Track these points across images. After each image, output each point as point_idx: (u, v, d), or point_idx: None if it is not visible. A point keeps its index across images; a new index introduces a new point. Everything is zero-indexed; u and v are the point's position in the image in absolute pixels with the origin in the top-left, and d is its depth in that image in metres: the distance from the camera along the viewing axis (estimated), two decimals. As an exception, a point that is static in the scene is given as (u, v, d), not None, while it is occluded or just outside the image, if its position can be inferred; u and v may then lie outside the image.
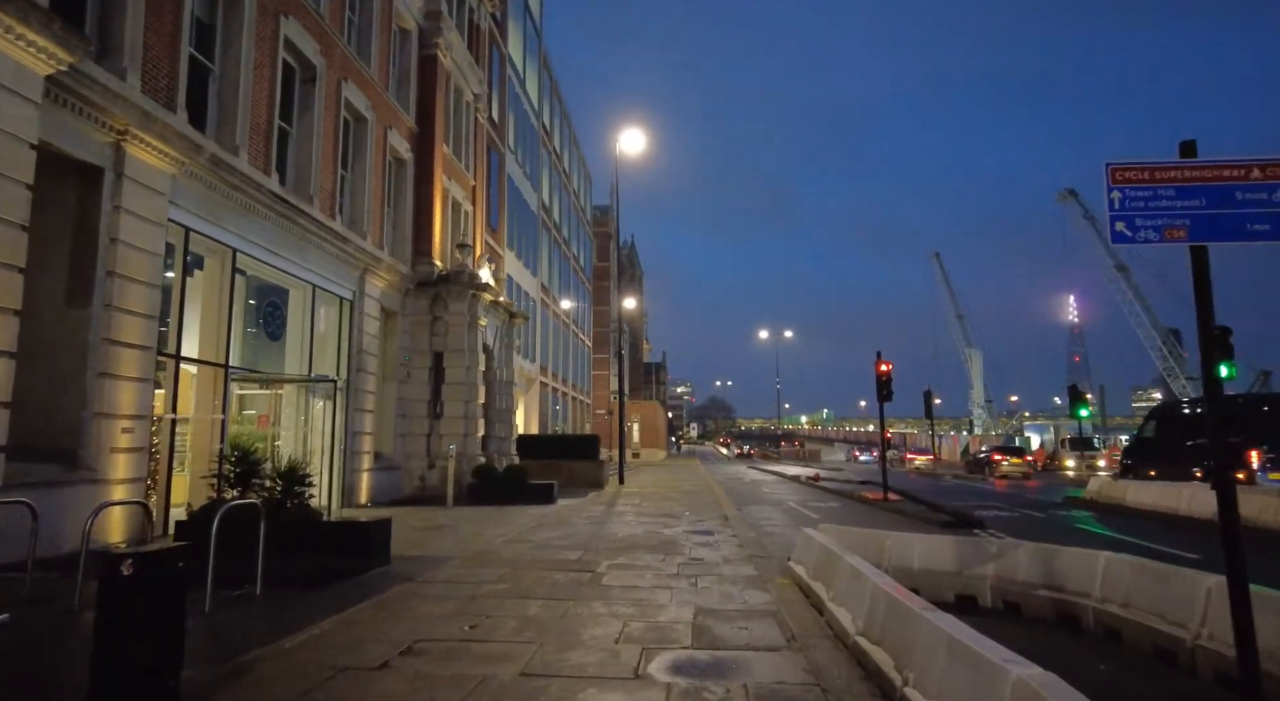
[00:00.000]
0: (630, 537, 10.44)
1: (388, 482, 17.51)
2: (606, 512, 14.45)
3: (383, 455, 17.78)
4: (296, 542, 7.43)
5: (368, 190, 16.68)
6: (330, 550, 7.51)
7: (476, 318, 19.02)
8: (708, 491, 21.46)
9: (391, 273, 17.50)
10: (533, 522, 12.45)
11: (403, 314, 18.56)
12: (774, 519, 14.80)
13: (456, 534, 10.87)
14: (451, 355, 18.71)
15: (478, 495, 16.94)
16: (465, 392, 18.60)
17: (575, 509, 15.36)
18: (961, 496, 21.06)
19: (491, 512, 14.33)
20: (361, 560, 7.62)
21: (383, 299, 17.38)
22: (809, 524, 13.69)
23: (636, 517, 13.40)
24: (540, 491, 17.18)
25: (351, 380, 15.97)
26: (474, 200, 23.24)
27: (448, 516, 13.64)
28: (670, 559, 8.51)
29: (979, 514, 14.75)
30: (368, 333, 16.48)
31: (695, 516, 13.73)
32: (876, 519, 14.93)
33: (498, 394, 21.92)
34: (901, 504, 17.19)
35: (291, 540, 7.41)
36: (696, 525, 12.24)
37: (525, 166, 31.84)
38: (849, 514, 16.02)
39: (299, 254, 13.76)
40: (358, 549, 7.63)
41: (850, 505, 18.20)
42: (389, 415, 18.13)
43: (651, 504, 16.86)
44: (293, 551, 7.38)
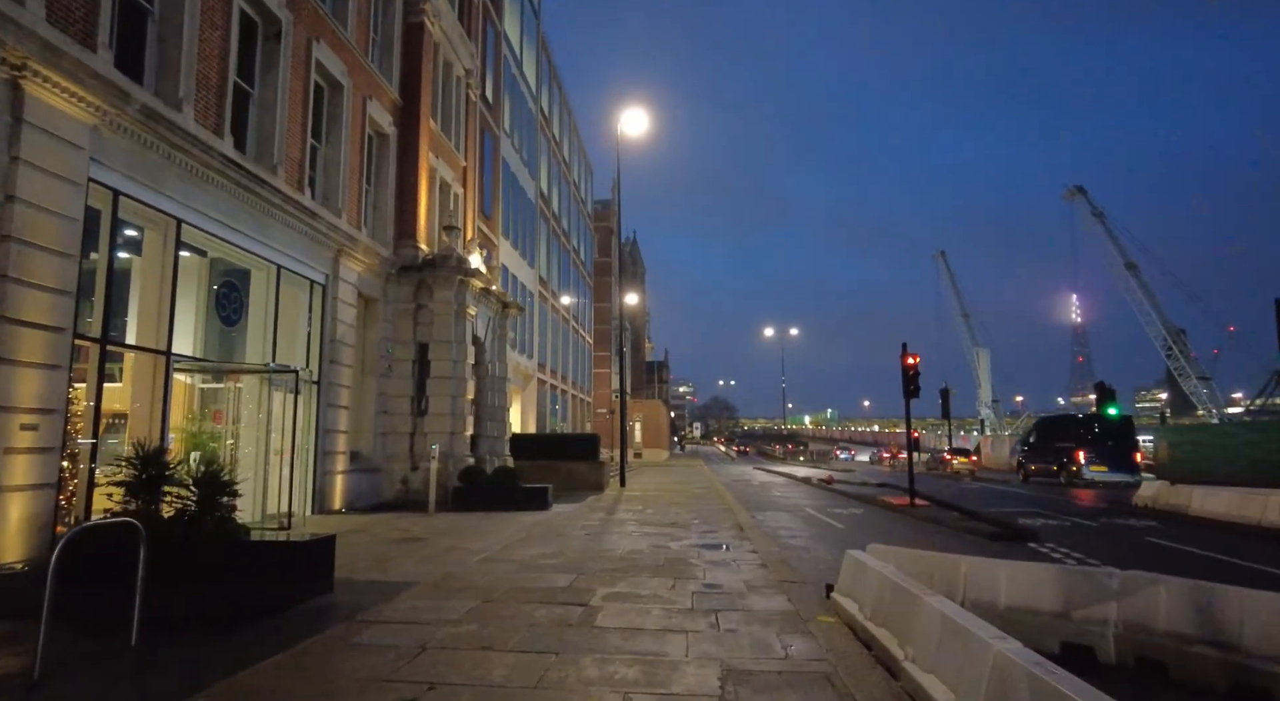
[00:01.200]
0: (632, 555, 8.87)
1: (366, 486, 15.96)
2: (606, 521, 12.88)
3: (361, 456, 16.24)
4: (212, 569, 5.89)
5: (343, 164, 15.13)
6: (255, 578, 5.96)
7: (465, 306, 17.47)
8: (715, 495, 19.89)
9: (370, 256, 15.94)
10: (520, 534, 10.89)
11: (384, 301, 17.01)
12: (795, 529, 13.23)
13: (428, 549, 9.31)
14: (437, 347, 17.15)
15: (464, 500, 15.39)
16: (452, 387, 17.04)
17: (571, 516, 13.80)
18: (990, 500, 19.49)
19: (476, 521, 12.77)
20: (294, 589, 6.06)
21: (360, 284, 15.83)
22: (836, 535, 12.14)
23: (639, 527, 11.84)
24: (533, 496, 15.62)
25: (324, 373, 14.42)
26: (465, 183, 21.69)
27: (426, 525, 12.09)
28: (681, 585, 6.95)
29: (1022, 522, 13.17)
30: (342, 321, 14.93)
31: (705, 526, 12.17)
32: (910, 529, 13.35)
33: (490, 390, 20.37)
34: (931, 510, 15.61)
35: (205, 566, 5.87)
36: (708, 537, 10.68)
37: (522, 152, 30.29)
38: (877, 522, 14.44)
39: (260, 230, 12.21)
40: (290, 575, 6.08)
41: (874, 512, 16.61)
42: (368, 412, 16.59)
43: (656, 510, 15.31)
44: (207, 580, 5.85)
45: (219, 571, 5.91)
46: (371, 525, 12.13)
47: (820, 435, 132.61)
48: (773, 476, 35.71)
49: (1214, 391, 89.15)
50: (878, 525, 13.89)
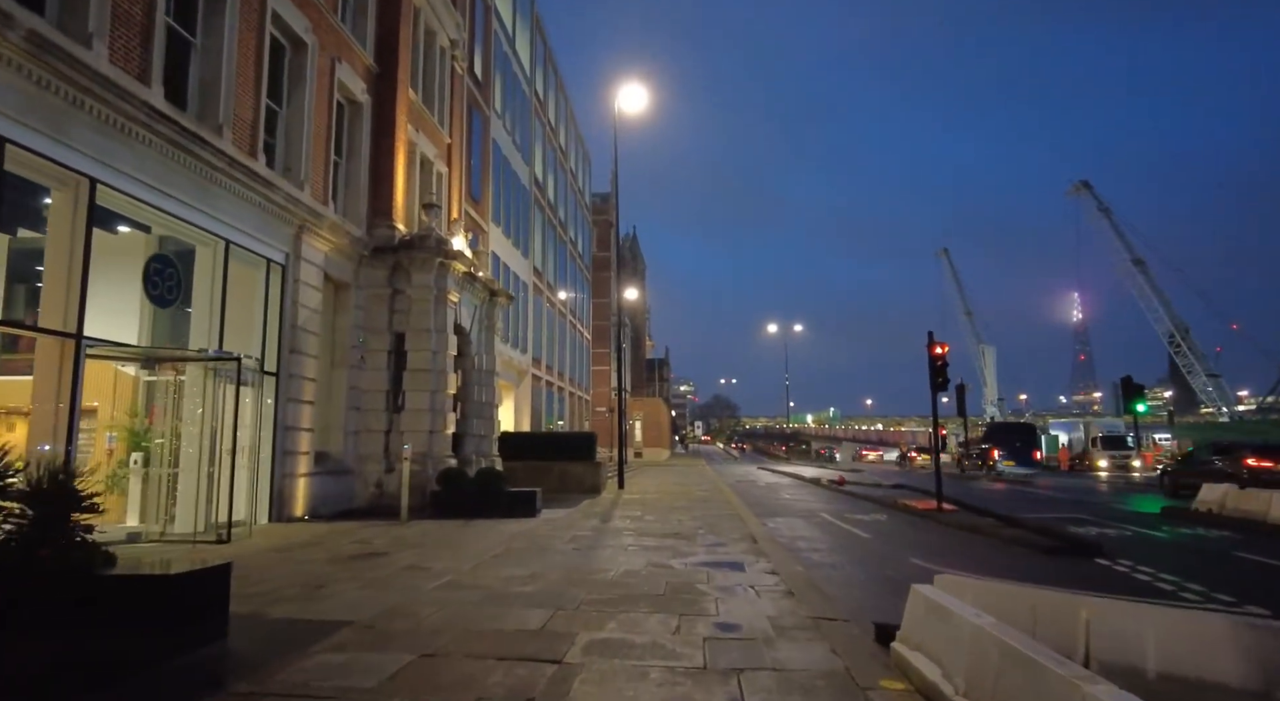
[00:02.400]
0: (627, 578, 7.28)
1: (335, 490, 14.38)
2: (599, 531, 11.30)
3: (330, 456, 14.67)
4: (54, 613, 4.31)
5: (307, 131, 13.54)
6: (114, 623, 4.39)
7: (446, 291, 15.88)
8: (720, 498, 18.31)
9: (339, 234, 14.36)
10: (498, 547, 9.30)
11: (355, 286, 15.42)
12: (814, 540, 11.64)
13: (383, 569, 7.73)
14: (415, 336, 15.56)
15: (443, 506, 13.81)
16: (431, 381, 15.45)
17: (560, 525, 12.22)
18: (1019, 504, 17.91)
19: (452, 531, 11.19)
20: (170, 637, 4.48)
21: (328, 266, 14.24)
22: (862, 547, 10.53)
23: (637, 539, 10.25)
24: (520, 501, 14.03)
25: (284, 363, 12.84)
26: (449, 161, 20.10)
27: (392, 536, 10.50)
28: (688, 625, 5.36)
29: (1074, 531, 11.58)
30: (306, 305, 13.34)
31: (712, 535, 10.59)
32: (945, 540, 11.76)
33: (476, 385, 18.79)
34: (962, 515, 14.02)
35: (45, 609, 4.29)
36: (717, 551, 9.09)
37: (515, 136, 28.70)
38: (906, 531, 12.85)
39: (203, 198, 10.63)
40: (165, 618, 4.49)
41: (899, 517, 15.00)
42: (338, 408, 15.01)
43: (656, 516, 13.73)
44: (46, 626, 4.28)
45: (63, 615, 4.33)
46: (330, 536, 10.55)
47: (823, 434, 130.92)
48: (779, 477, 34.12)
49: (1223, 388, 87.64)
50: (907, 534, 12.30)
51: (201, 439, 10.60)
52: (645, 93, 22.34)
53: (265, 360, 12.50)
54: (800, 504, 18.72)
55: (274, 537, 10.30)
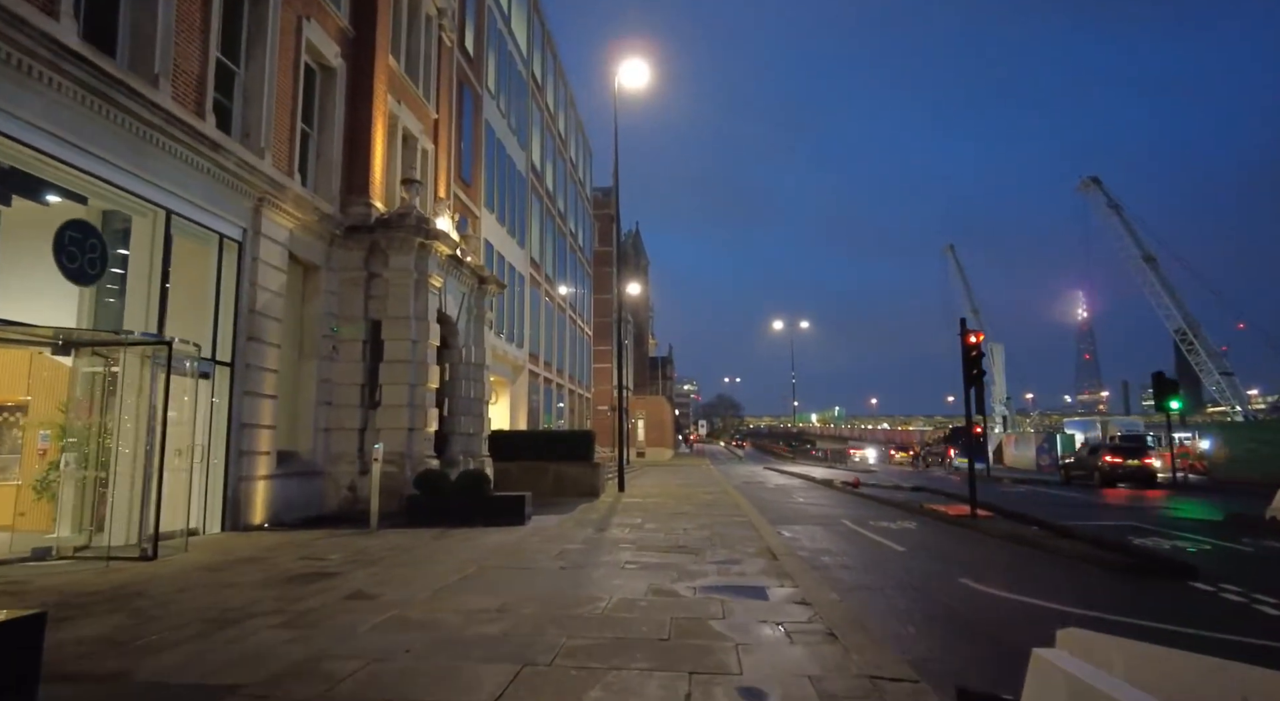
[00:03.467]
0: (621, 611, 5.82)
1: (302, 494, 12.96)
2: (593, 543, 9.83)
3: (297, 456, 13.24)
4: None
5: (268, 94, 12.10)
6: None
7: (427, 275, 14.43)
8: (728, 502, 16.83)
9: (306, 210, 12.91)
10: (470, 566, 7.84)
11: (327, 268, 13.98)
12: (843, 554, 10.15)
13: (321, 597, 6.28)
14: (392, 324, 14.12)
15: (420, 512, 12.36)
16: (410, 374, 14.01)
17: (550, 535, 10.76)
18: (1053, 508, 16.39)
19: (424, 543, 9.74)
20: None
21: (294, 245, 12.81)
22: (899, 563, 8.99)
23: (636, 554, 8.79)
24: (506, 507, 12.58)
25: (240, 352, 11.41)
26: (436, 138, 18.65)
27: (352, 550, 9.05)
28: (703, 692, 3.89)
29: (1140, 543, 10.07)
30: (267, 287, 11.91)
31: (724, 549, 9.12)
32: (993, 554, 10.28)
33: (463, 379, 17.35)
34: (1000, 522, 12.53)
35: None
36: (730, 571, 7.62)
37: (510, 119, 27.25)
38: (943, 542, 11.36)
39: (133, 158, 9.19)
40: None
41: (931, 526, 13.48)
42: (307, 403, 13.58)
43: (659, 523, 12.27)
44: None
45: None
46: (281, 549, 9.11)
47: (828, 433, 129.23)
48: (789, 478, 32.60)
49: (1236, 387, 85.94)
50: (945, 546, 10.81)
51: (137, 438, 9.15)
52: (646, 70, 20.89)
53: (218, 348, 11.08)
54: (816, 508, 17.23)
55: (213, 551, 8.85)
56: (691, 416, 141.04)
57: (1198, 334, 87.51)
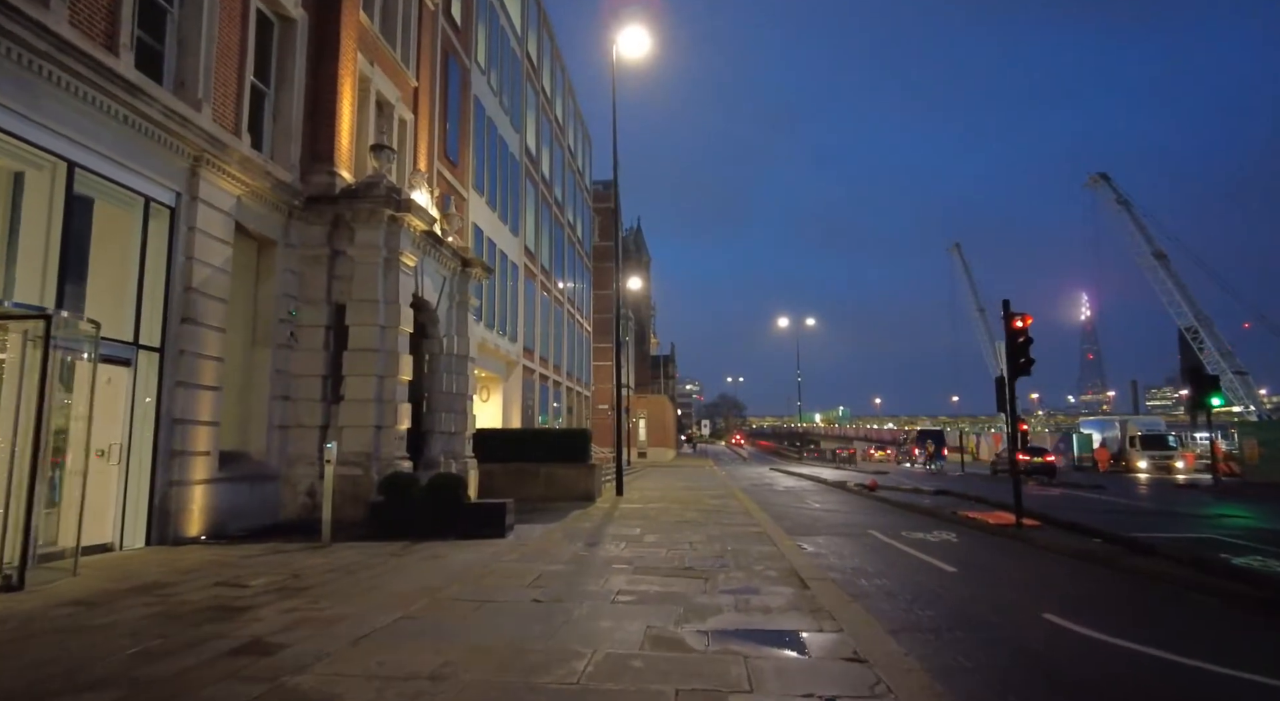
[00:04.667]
0: (604, 677, 4.18)
1: (252, 500, 11.32)
2: (580, 564, 8.18)
3: (247, 457, 11.62)
4: None
5: (207, 38, 10.44)
6: None
7: (398, 252, 12.78)
8: (737, 508, 15.17)
9: (256, 175, 11.27)
10: (417, 601, 6.18)
11: (285, 244, 12.34)
12: (883, 576, 8.47)
13: (192, 657, 4.64)
14: (358, 308, 12.47)
15: (384, 522, 10.72)
16: (378, 364, 12.36)
17: (531, 552, 9.10)
18: (1091, 515, 14.70)
19: (375, 564, 8.08)
20: None
21: (243, 215, 11.17)
22: (957, 591, 7.18)
23: (631, 579, 7.13)
24: (484, 516, 10.93)
25: (171, 337, 9.77)
26: (416, 107, 17.00)
27: (285, 574, 7.39)
28: None
29: (1240, 563, 8.38)
30: (206, 262, 10.26)
31: (739, 571, 7.47)
32: (1064, 575, 8.60)
33: (445, 372, 15.70)
34: (1053, 533, 10.85)
35: None
36: (751, 605, 5.97)
37: (503, 98, 25.60)
38: (998, 560, 9.68)
39: (18, 95, 7.55)
40: None
41: (973, 537, 11.76)
42: (260, 397, 11.95)
43: (660, 535, 10.62)
44: None
45: None
46: (198, 572, 7.46)
47: (833, 433, 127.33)
48: (798, 480, 30.88)
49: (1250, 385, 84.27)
50: (1004, 566, 9.12)
51: (18, 434, 7.50)
52: (647, 40, 19.28)
53: (141, 330, 9.45)
54: (835, 515, 15.54)
55: (109, 576, 7.19)
56: (695, 416, 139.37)
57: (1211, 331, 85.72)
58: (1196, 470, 42.11)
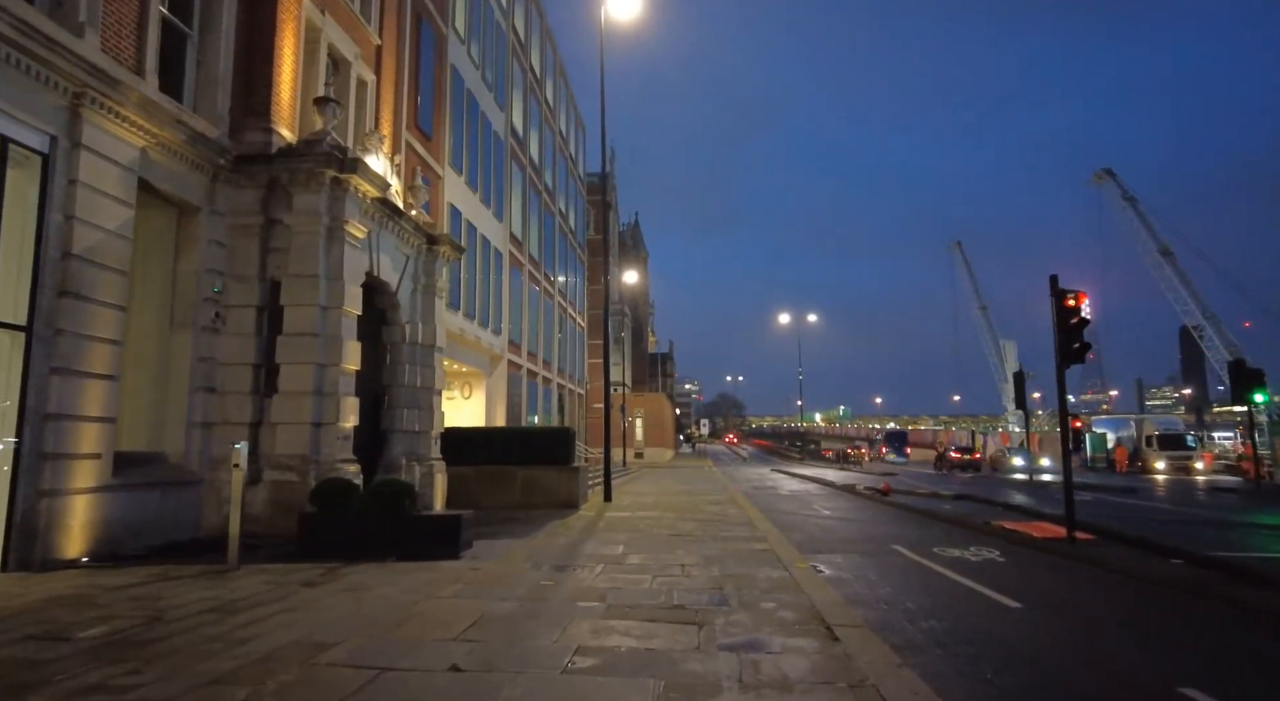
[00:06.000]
0: None
1: (164, 511, 9.51)
2: (539, 599, 6.37)
3: (160, 460, 9.84)
4: None
5: (100, -46, 8.62)
6: None
7: (343, 220, 10.95)
8: (739, 516, 13.37)
9: (166, 124, 9.44)
10: (287, 669, 4.36)
11: (210, 211, 10.52)
12: (936, 617, 6.63)
13: None
14: (295, 286, 10.65)
15: (315, 538, 8.91)
16: (318, 350, 10.55)
17: (481, 580, 7.28)
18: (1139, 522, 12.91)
19: (274, 599, 6.26)
20: None
21: (152, 173, 9.35)
22: (1034, 640, 5.11)
23: (600, 625, 5.33)
24: (436, 531, 9.11)
25: (44, 314, 7.96)
26: (379, 68, 15.17)
27: (136, 618, 5.56)
28: None
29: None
30: (97, 225, 8.44)
31: (744, 611, 5.68)
32: (1157, 616, 6.80)
33: (408, 363, 13.88)
34: (1115, 551, 9.04)
35: None
36: (760, 671, 4.20)
37: (485, 72, 23.77)
38: (1064, 588, 7.87)
39: None
40: None
41: (1022, 556, 9.87)
42: (179, 388, 10.16)
43: (647, 554, 8.80)
44: None
45: None
46: (29, 614, 5.64)
47: (833, 433, 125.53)
48: (802, 482, 29.04)
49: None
50: (1075, 598, 7.31)
51: None
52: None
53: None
54: (849, 526, 13.71)
55: None
56: (694, 415, 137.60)
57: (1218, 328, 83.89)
58: (1215, 471, 40.42)
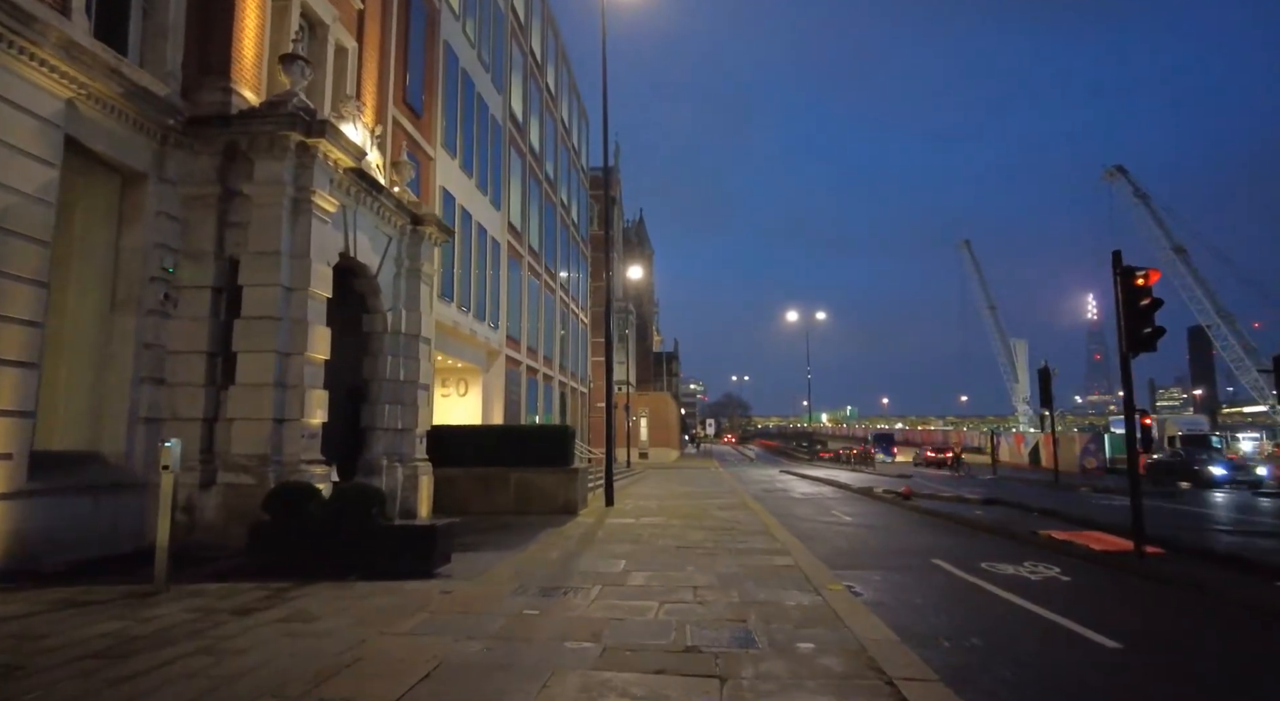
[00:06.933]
0: None
1: (99, 520, 8.30)
2: (520, 633, 5.13)
3: (94, 460, 8.63)
4: None
5: (18, -127, 7.39)
6: None
7: (310, 192, 9.71)
8: (753, 524, 12.10)
9: (101, 74, 8.21)
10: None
11: (159, 179, 9.30)
12: (1015, 661, 5.33)
13: None
14: (254, 263, 9.43)
15: (269, 551, 7.69)
16: (281, 337, 9.32)
17: (449, 611, 6.04)
18: (1199, 531, 11.59)
19: (192, 635, 5.01)
20: None
21: (84, 131, 8.14)
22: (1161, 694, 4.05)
23: (591, 678, 4.09)
24: (408, 544, 7.86)
25: (-59, 287, 6.74)
26: (361, 35, 13.94)
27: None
28: None
29: None
30: (10, 187, 7.22)
31: (775, 658, 4.45)
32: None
33: (390, 355, 12.66)
34: (1201, 568, 7.74)
35: None
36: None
37: (482, 51, 22.54)
38: (1165, 623, 6.57)
39: None
40: None
41: (1088, 574, 8.53)
42: (121, 378, 8.95)
43: (652, 573, 7.54)
44: None
45: None
46: None
47: (840, 433, 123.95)
48: (815, 485, 27.70)
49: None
50: (1179, 635, 6.00)
51: None
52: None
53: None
54: (877, 535, 12.41)
55: None
56: (699, 415, 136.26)
57: (1233, 327, 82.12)
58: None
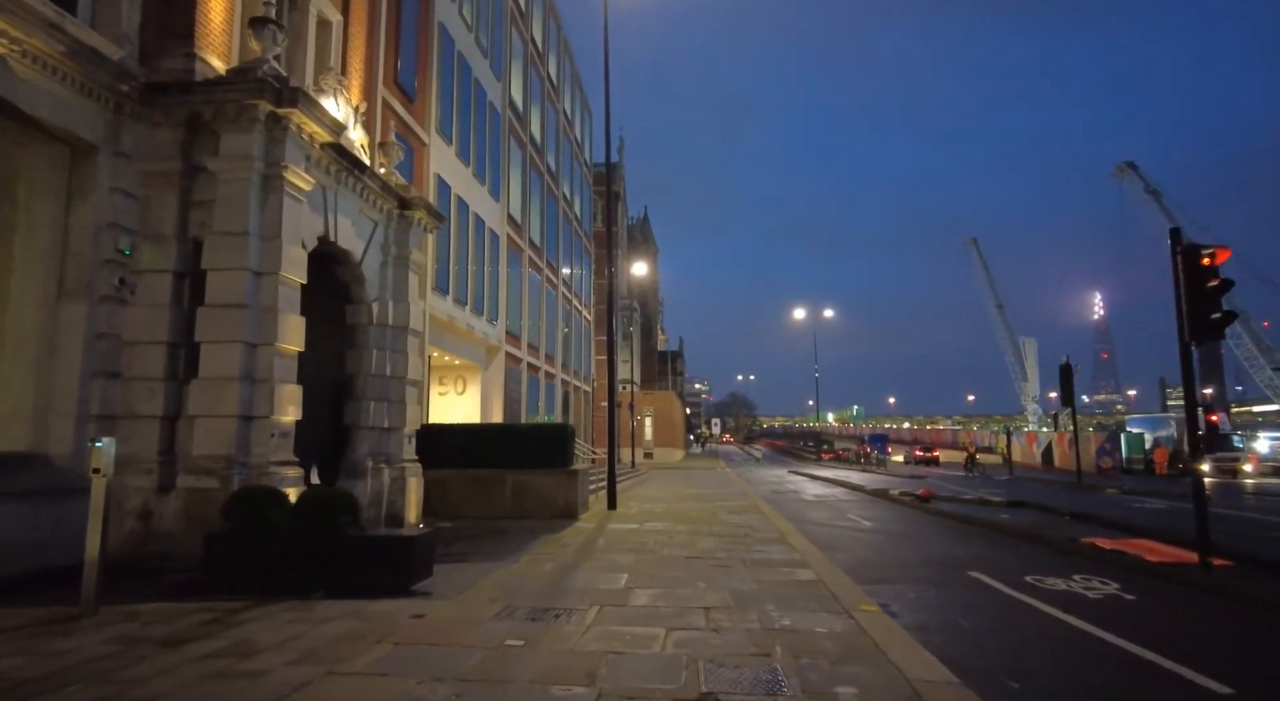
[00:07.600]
0: None
1: (43, 528, 7.45)
2: (500, 674, 4.19)
3: (38, 462, 7.81)
4: None
5: None
6: None
7: (282, 168, 8.84)
8: (767, 530, 11.18)
9: (37, 28, 7.34)
10: None
11: (112, 151, 8.44)
12: None
13: None
14: (219, 246, 8.56)
15: (226, 566, 6.82)
16: (249, 327, 8.45)
17: (416, 642, 5.14)
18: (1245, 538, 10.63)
19: (122, 668, 4.13)
20: None
21: (19, 93, 7.29)
22: None
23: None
24: (383, 557, 6.97)
25: None
26: (347, 8, 13.07)
27: None
28: None
29: None
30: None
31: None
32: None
33: (376, 348, 11.79)
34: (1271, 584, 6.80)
35: None
36: None
37: (479, 35, 21.67)
38: (1262, 655, 5.62)
39: None
40: None
41: (1159, 592, 7.56)
42: (69, 372, 8.11)
43: (657, 591, 6.65)
44: None
45: None
46: None
47: (847, 433, 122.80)
48: (826, 486, 26.74)
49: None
50: None
51: None
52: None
53: None
54: (902, 542, 11.47)
55: None
56: (704, 415, 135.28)
57: (1247, 325, 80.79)
58: (1263, 473, 38.03)
